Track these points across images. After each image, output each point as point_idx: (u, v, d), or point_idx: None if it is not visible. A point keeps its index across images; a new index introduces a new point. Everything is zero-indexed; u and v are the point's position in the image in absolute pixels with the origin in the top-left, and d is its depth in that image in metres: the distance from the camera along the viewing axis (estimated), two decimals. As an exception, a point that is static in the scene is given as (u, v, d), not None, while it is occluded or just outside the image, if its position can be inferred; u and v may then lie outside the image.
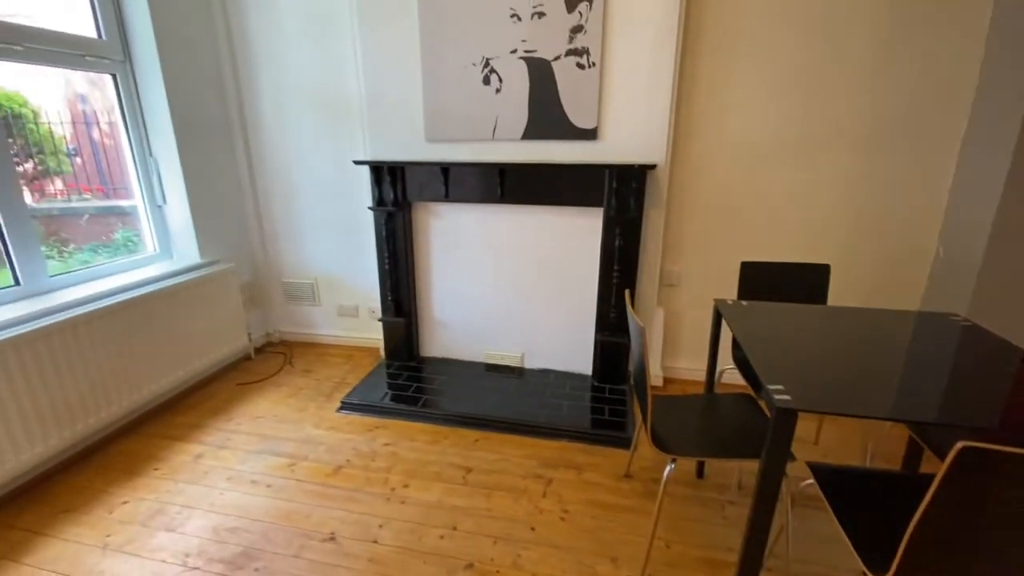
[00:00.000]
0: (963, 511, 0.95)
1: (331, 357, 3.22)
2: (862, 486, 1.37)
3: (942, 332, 1.64)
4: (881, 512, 1.29)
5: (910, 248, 2.48)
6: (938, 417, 1.14)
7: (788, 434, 1.20)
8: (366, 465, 2.19)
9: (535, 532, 1.81)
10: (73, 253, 2.53)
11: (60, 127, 2.52)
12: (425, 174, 2.65)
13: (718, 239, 2.66)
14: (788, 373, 1.34)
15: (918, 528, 0.98)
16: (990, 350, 1.50)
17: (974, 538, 0.97)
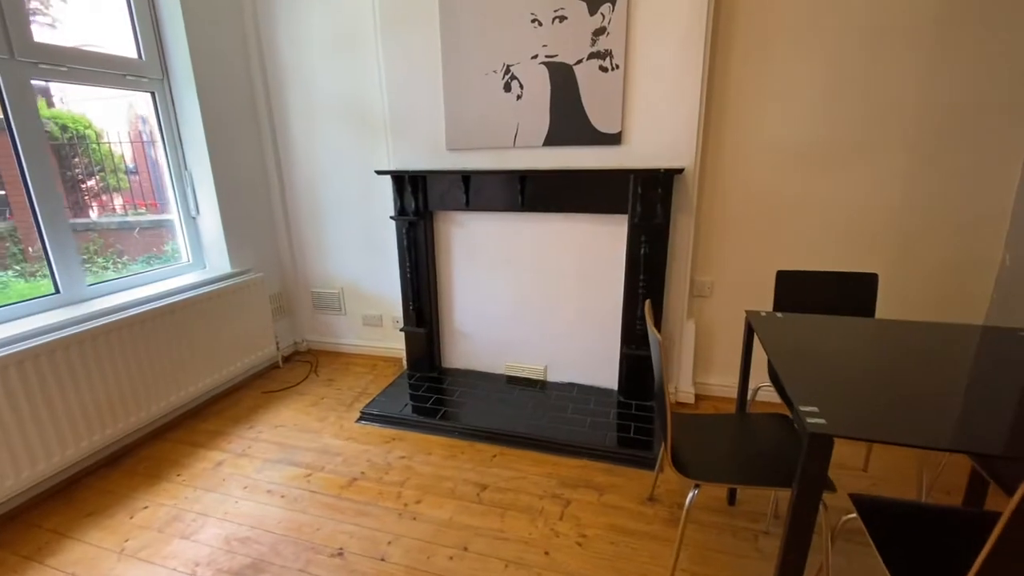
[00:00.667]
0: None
1: (355, 367, 3.22)
2: (913, 522, 1.21)
3: (1008, 349, 1.44)
4: (934, 553, 1.12)
5: (972, 257, 2.24)
6: (1004, 450, 0.98)
7: (823, 462, 1.06)
8: (380, 478, 2.14)
9: (549, 557, 1.71)
10: (127, 264, 2.66)
11: (119, 146, 2.67)
12: (446, 183, 2.63)
13: (753, 248, 2.50)
14: (824, 393, 1.20)
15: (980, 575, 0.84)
16: (1069, 371, 1.30)
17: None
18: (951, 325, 1.64)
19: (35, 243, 2.19)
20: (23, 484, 1.92)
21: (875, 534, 1.18)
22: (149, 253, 2.78)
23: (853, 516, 1.24)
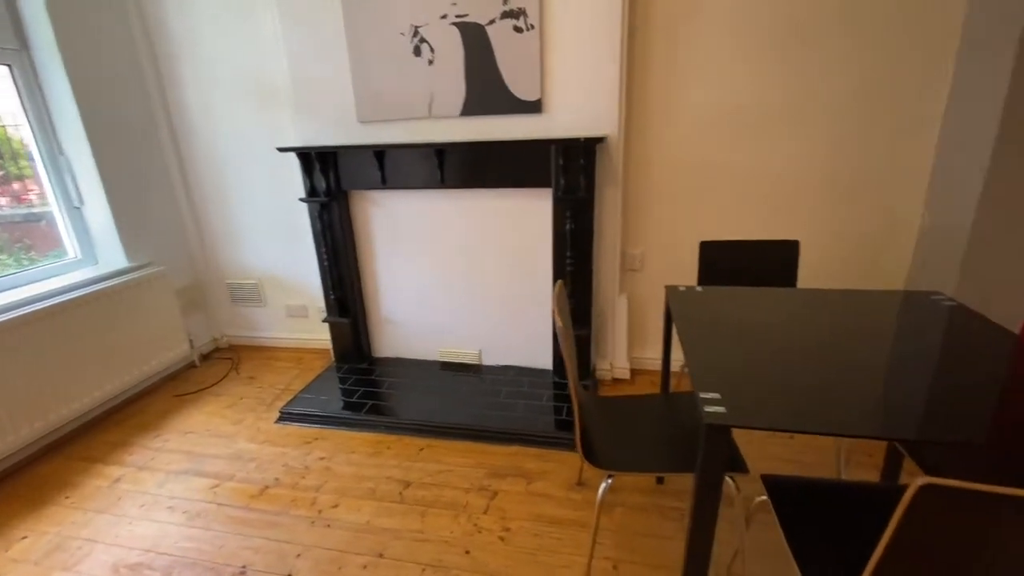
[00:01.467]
0: (925, 552, 0.73)
1: (279, 362, 3.02)
2: (821, 500, 1.16)
3: (924, 317, 1.41)
4: (839, 529, 1.08)
5: (893, 219, 2.24)
6: (918, 433, 0.92)
7: (721, 452, 0.98)
8: (295, 483, 1.99)
9: (469, 556, 1.61)
10: (36, 260, 2.36)
11: (15, 130, 2.33)
12: (359, 159, 2.42)
13: (683, 218, 2.43)
14: (731, 376, 1.12)
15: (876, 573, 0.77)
16: (978, 337, 1.27)
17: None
18: (868, 292, 1.60)
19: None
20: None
21: (782, 513, 1.13)
22: (25, 249, 2.45)
23: (763, 498, 1.19)
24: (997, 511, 0.66)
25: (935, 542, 0.71)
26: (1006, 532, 0.67)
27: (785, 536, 1.08)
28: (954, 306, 1.46)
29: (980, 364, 1.14)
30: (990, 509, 0.65)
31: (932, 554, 0.73)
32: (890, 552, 0.74)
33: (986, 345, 1.22)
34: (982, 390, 1.04)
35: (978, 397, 1.01)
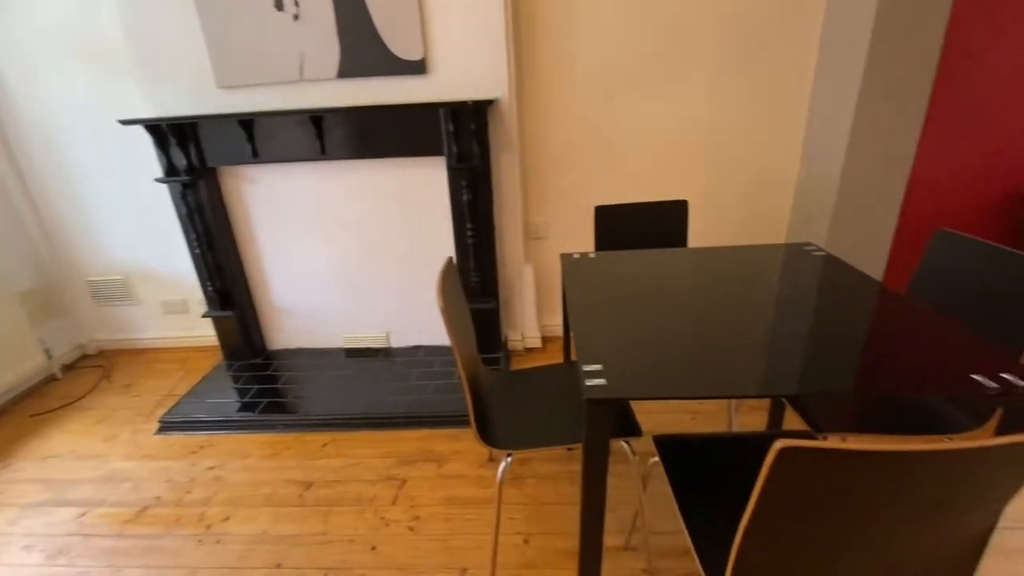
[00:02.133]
0: (791, 509, 0.74)
1: (161, 364, 2.70)
2: (708, 454, 1.19)
3: (798, 269, 1.47)
4: (722, 483, 1.11)
5: (775, 173, 2.34)
6: (790, 389, 0.94)
7: (604, 425, 0.95)
8: (179, 499, 1.79)
9: (376, 552, 1.53)
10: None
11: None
12: (223, 131, 2.13)
13: (582, 184, 2.40)
14: (615, 346, 1.09)
15: (748, 530, 0.78)
16: (846, 287, 1.34)
17: (807, 531, 0.78)
18: (748, 247, 1.65)
19: None
20: None
21: (672, 470, 1.14)
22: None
23: (656, 460, 1.20)
24: (852, 465, 0.66)
25: (798, 496, 0.72)
26: (865, 483, 0.68)
27: (673, 492, 1.09)
28: (824, 256, 1.53)
29: (849, 314, 1.20)
30: (845, 463, 0.66)
31: (798, 507, 0.73)
32: (760, 508, 0.74)
33: (854, 294, 1.29)
34: (852, 340, 1.09)
35: (849, 347, 1.06)
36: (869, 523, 0.73)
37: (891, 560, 0.79)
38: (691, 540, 0.98)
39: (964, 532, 0.76)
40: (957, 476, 0.66)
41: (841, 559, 0.79)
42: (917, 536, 0.74)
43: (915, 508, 0.70)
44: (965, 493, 0.69)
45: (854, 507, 0.71)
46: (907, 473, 0.66)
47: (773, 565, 0.81)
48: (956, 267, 1.36)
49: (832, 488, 0.69)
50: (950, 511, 0.71)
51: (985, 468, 0.66)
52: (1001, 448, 0.63)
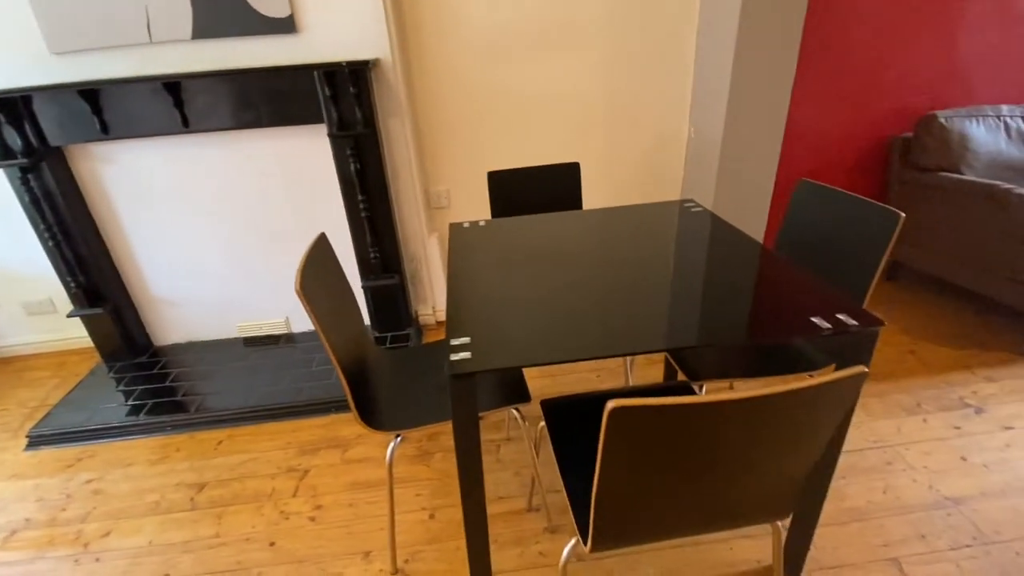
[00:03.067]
0: (633, 461, 0.76)
1: (31, 373, 2.41)
2: (589, 415, 1.21)
3: (673, 226, 1.50)
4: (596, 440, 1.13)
5: (669, 134, 2.38)
6: (664, 343, 0.95)
7: (468, 401, 0.93)
8: (53, 519, 1.62)
9: (275, 548, 1.47)
10: None
11: None
12: (64, 104, 1.86)
13: (480, 149, 2.33)
14: (489, 316, 1.07)
15: (600, 485, 0.79)
16: (716, 240, 1.38)
17: (652, 481, 0.81)
18: (634, 207, 1.67)
19: None
20: None
21: (556, 432, 1.15)
22: None
23: (543, 424, 1.21)
24: (680, 417, 0.68)
25: (636, 449, 0.73)
26: (692, 432, 0.70)
27: (555, 453, 1.10)
28: (701, 212, 1.58)
29: (714, 267, 1.24)
30: (673, 416, 0.67)
31: (638, 459, 0.75)
32: (605, 464, 0.75)
33: (721, 247, 1.34)
34: (713, 293, 1.12)
35: (710, 300, 1.09)
36: (707, 467, 0.76)
37: (736, 495, 0.83)
38: (568, 498, 1.00)
39: (798, 467, 0.81)
40: (772, 419, 0.70)
41: (688, 502, 0.82)
42: (755, 472, 0.79)
43: (744, 449, 0.74)
44: (784, 432, 0.72)
45: (688, 454, 0.73)
46: (729, 420, 0.68)
47: (628, 515, 0.83)
48: (815, 215, 1.44)
49: (664, 439, 0.70)
50: (776, 449, 0.75)
51: (793, 410, 0.69)
52: (791, 394, 0.66)
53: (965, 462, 1.56)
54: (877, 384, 1.92)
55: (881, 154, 2.57)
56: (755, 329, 0.96)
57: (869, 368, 0.92)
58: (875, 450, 1.63)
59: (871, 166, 2.58)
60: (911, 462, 1.58)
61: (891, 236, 1.17)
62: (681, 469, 0.75)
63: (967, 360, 2.01)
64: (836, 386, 0.67)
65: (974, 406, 1.78)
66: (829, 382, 0.67)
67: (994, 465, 1.54)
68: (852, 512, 1.43)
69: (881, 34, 2.28)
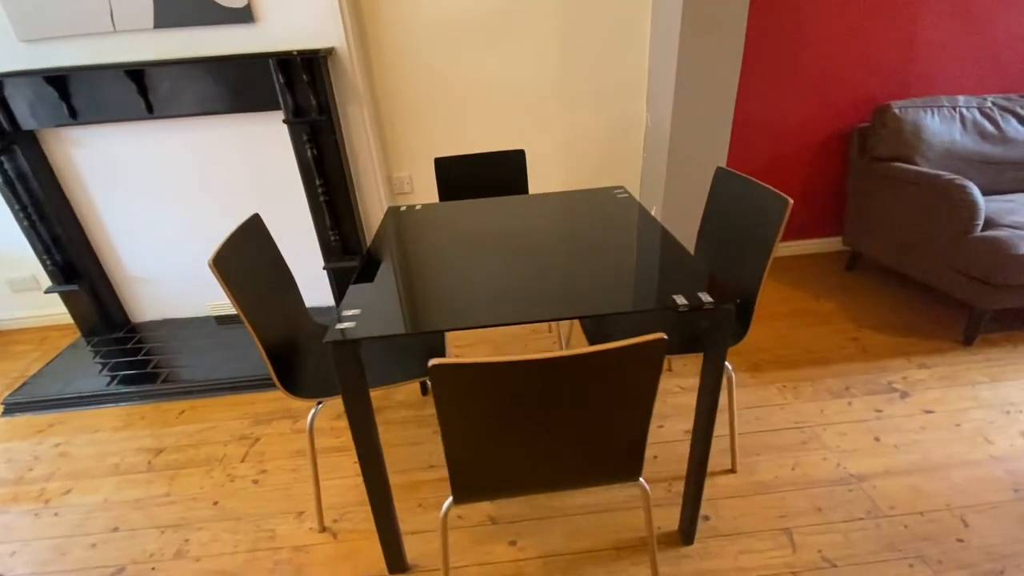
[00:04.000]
0: (463, 416, 0.84)
1: (16, 346, 2.55)
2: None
3: (594, 211, 1.57)
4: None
5: (628, 120, 2.43)
6: (550, 314, 1.03)
7: (350, 367, 1.01)
8: (20, 478, 1.75)
9: (217, 507, 1.58)
10: None
11: None
12: (32, 89, 1.96)
13: (441, 136, 2.40)
14: (386, 292, 1.15)
15: (446, 441, 0.88)
16: (628, 224, 1.45)
17: (488, 437, 0.89)
18: (569, 192, 1.74)
19: None
20: None
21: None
22: None
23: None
24: (492, 374, 0.76)
25: (466, 405, 0.81)
26: (509, 389, 0.78)
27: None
28: (626, 198, 1.64)
29: (615, 249, 1.30)
30: (485, 374, 0.75)
31: (467, 413, 0.83)
32: (442, 418, 0.83)
33: (628, 231, 1.40)
34: (605, 271, 1.19)
35: (601, 277, 1.16)
36: (538, 424, 0.84)
37: (576, 453, 0.91)
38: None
39: (624, 428, 0.88)
40: (584, 378, 0.77)
41: (531, 458, 0.90)
42: (584, 431, 0.86)
43: (568, 407, 0.81)
44: (597, 391, 0.80)
45: (511, 409, 0.81)
46: (545, 378, 0.76)
47: (479, 468, 0.91)
48: (729, 201, 1.49)
49: (484, 395, 0.78)
50: (595, 407, 0.83)
51: (603, 371, 0.77)
52: (599, 355, 0.74)
53: (878, 442, 1.62)
54: (813, 368, 1.97)
55: (842, 144, 2.59)
56: (620, 302, 1.03)
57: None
58: (793, 430, 1.69)
59: (832, 156, 2.60)
60: (826, 442, 1.64)
61: (781, 221, 1.23)
62: (513, 424, 0.83)
63: (906, 348, 2.06)
64: (638, 349, 0.75)
65: (900, 391, 1.84)
66: (631, 345, 0.74)
67: (905, 446, 1.60)
68: (758, 485, 1.50)
69: (841, 23, 2.30)
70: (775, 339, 2.16)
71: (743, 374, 1.97)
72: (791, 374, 1.95)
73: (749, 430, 1.70)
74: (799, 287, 2.54)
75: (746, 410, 1.79)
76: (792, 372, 1.96)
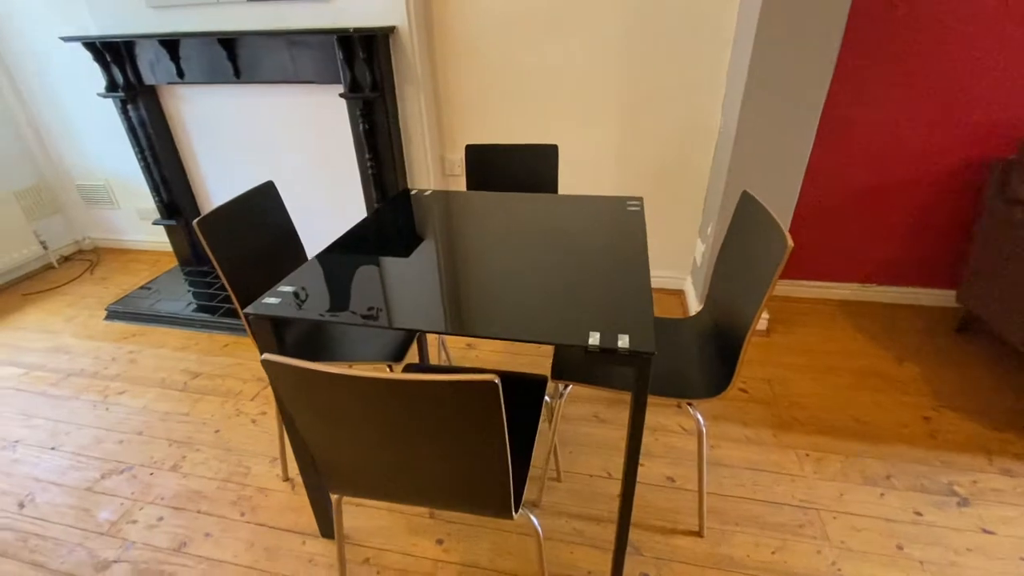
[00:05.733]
0: (306, 417, 0.84)
1: (137, 264, 3.08)
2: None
3: (595, 221, 1.44)
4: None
5: (696, 123, 2.18)
6: (458, 327, 1.00)
7: (267, 341, 1.06)
8: (96, 373, 2.13)
9: (217, 435, 1.78)
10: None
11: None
12: (153, 50, 2.29)
13: (496, 123, 2.36)
14: (337, 276, 1.18)
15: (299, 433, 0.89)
16: (617, 247, 1.32)
17: (332, 441, 0.87)
18: (581, 197, 1.62)
19: None
20: None
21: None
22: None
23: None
24: (316, 380, 0.74)
25: (297, 402, 0.81)
26: (331, 396, 0.76)
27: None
28: (636, 212, 1.49)
29: (584, 270, 1.20)
30: (310, 378, 0.74)
31: (306, 413, 0.82)
32: (284, 409, 0.84)
33: (613, 256, 1.27)
34: (562, 293, 1.10)
35: (550, 299, 1.08)
36: (379, 437, 0.81)
37: (428, 477, 0.87)
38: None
39: (471, 464, 0.81)
40: (409, 404, 0.72)
41: (386, 470, 0.88)
42: (425, 456, 0.82)
43: (400, 429, 0.77)
44: (425, 421, 0.75)
45: (345, 416, 0.79)
46: (363, 395, 0.73)
47: (334, 466, 0.91)
48: (746, 230, 1.28)
49: (316, 398, 0.77)
50: (427, 436, 0.77)
51: (427, 401, 0.71)
52: (415, 384, 0.68)
53: (899, 551, 1.33)
54: (854, 442, 1.66)
55: (974, 178, 2.08)
56: (534, 330, 0.94)
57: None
58: (795, 508, 1.44)
59: (958, 192, 2.11)
60: (830, 533, 1.38)
61: (779, 264, 1.03)
62: (353, 432, 0.81)
63: (992, 445, 1.63)
64: (465, 387, 0.68)
65: (961, 496, 1.47)
66: (456, 381, 0.68)
67: (935, 566, 1.29)
68: (722, 559, 1.32)
69: (993, 27, 1.82)
70: (823, 397, 1.85)
71: (764, 430, 1.72)
72: (822, 442, 1.66)
73: (738, 495, 1.49)
74: (882, 341, 2.13)
75: (745, 471, 1.56)
76: (825, 440, 1.67)
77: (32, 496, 1.57)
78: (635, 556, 1.33)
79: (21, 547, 1.42)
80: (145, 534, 1.44)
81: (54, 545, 1.42)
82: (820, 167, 2.17)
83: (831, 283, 2.42)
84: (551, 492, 1.52)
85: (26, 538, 1.44)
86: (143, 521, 1.48)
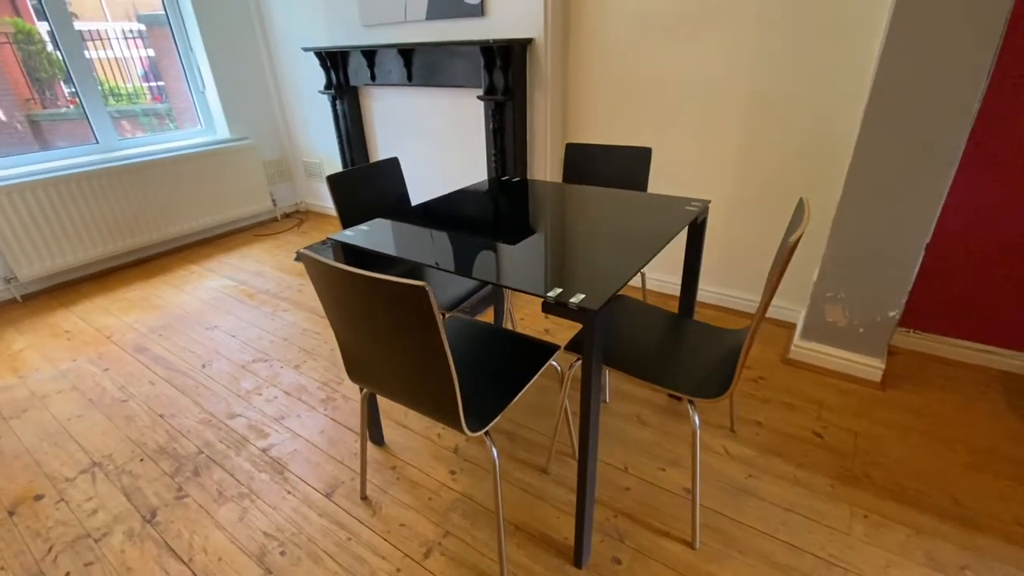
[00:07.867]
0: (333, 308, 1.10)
1: (332, 225, 3.93)
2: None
3: (647, 211, 1.50)
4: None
5: (834, 133, 2.00)
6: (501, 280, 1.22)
7: (340, 259, 1.39)
8: (276, 293, 2.84)
9: (332, 352, 2.26)
10: (178, 128, 3.60)
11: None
12: (358, 59, 2.96)
13: (621, 124, 2.47)
14: (390, 225, 1.47)
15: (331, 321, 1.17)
16: (649, 233, 1.37)
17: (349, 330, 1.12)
18: (650, 195, 1.67)
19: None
20: (68, 264, 2.98)
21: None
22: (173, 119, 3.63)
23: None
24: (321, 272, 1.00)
25: (321, 290, 1.08)
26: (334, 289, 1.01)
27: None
28: (694, 211, 1.49)
29: (608, 242, 1.29)
30: (319, 270, 1.00)
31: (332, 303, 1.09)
32: (323, 300, 1.13)
33: (641, 237, 1.33)
34: (574, 257, 1.23)
35: (558, 262, 1.22)
36: (374, 335, 1.05)
37: (404, 377, 1.08)
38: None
39: (422, 363, 0.99)
40: (373, 299, 0.94)
41: (385, 365, 1.11)
42: (394, 346, 1.03)
43: (372, 319, 1.00)
44: (384, 318, 0.95)
45: (348, 308, 1.04)
46: (345, 286, 0.97)
47: (352, 354, 1.18)
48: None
49: (331, 291, 1.04)
50: (393, 334, 0.98)
51: (374, 298, 0.92)
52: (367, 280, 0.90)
53: (937, 646, 1.10)
54: (934, 520, 1.38)
55: None
56: (517, 279, 1.08)
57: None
58: (819, 560, 1.28)
59: None
60: (851, 596, 1.20)
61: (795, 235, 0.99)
62: (353, 323, 1.06)
63: None
64: (395, 287, 0.88)
65: (1070, 624, 1.13)
66: (387, 280, 0.88)
67: (980, 677, 1.04)
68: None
69: None
70: (920, 467, 1.55)
71: (820, 477, 1.52)
72: (891, 509, 1.41)
73: (758, 527, 1.37)
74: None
75: (776, 508, 1.43)
76: (896, 508, 1.41)
77: (211, 361, 2.23)
78: (615, 541, 1.35)
79: (193, 391, 2.04)
80: (262, 404, 1.94)
81: (210, 395, 2.01)
82: (958, 200, 1.79)
83: (996, 348, 1.96)
84: (564, 466, 1.60)
85: (197, 386, 2.06)
86: (265, 395, 1.99)
